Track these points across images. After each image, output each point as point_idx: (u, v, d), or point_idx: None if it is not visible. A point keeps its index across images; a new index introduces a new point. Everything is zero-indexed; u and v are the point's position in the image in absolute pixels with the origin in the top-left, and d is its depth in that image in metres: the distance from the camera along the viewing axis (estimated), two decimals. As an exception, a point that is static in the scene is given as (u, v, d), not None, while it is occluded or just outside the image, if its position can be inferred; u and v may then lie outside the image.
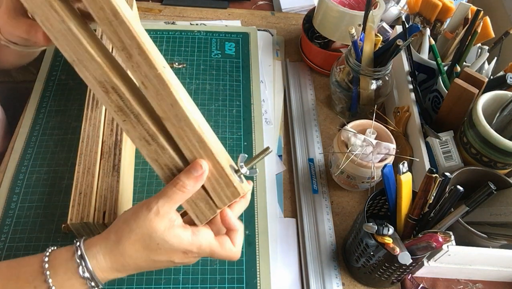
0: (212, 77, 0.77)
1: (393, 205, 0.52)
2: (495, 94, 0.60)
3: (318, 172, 0.68)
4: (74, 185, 0.53)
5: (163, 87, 0.39)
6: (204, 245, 0.42)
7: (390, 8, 0.87)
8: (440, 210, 0.50)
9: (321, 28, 0.77)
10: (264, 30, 0.88)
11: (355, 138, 0.59)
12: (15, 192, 0.61)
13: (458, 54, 0.66)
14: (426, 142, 0.64)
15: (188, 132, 0.40)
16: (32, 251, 0.56)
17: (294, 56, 0.85)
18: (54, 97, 0.71)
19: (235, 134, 0.70)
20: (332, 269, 0.58)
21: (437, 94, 0.67)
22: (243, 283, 0.56)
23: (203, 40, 0.82)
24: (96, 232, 0.53)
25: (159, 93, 0.39)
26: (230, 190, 0.42)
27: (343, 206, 0.66)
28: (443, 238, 0.45)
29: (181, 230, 0.41)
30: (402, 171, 0.50)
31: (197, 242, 0.42)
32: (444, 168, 0.61)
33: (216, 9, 0.91)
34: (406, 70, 0.72)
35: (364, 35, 0.64)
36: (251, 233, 0.60)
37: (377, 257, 0.50)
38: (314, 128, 0.73)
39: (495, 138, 0.55)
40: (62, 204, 0.60)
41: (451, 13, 0.71)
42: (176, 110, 0.39)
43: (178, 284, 0.55)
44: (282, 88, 0.79)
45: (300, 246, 0.61)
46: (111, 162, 0.55)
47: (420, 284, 0.59)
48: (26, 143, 0.66)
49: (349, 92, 0.70)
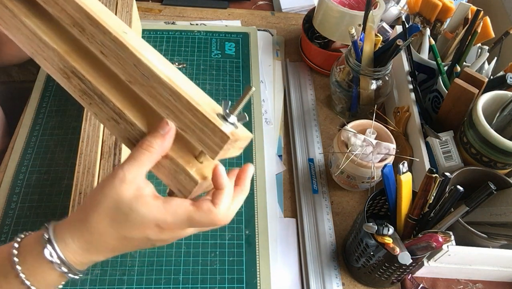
0: (212, 77, 0.77)
1: (393, 205, 0.52)
2: (495, 94, 0.60)
3: (318, 172, 0.68)
4: (74, 185, 0.53)
5: (122, 48, 0.37)
6: (179, 211, 0.37)
7: (390, 8, 0.87)
8: (440, 210, 0.50)
9: (321, 28, 0.77)
10: (264, 30, 0.88)
11: (355, 138, 0.59)
12: (15, 192, 0.61)
13: (458, 54, 0.66)
14: (426, 142, 0.64)
15: (159, 88, 0.37)
16: (32, 251, 0.56)
17: (294, 56, 0.85)
18: (54, 97, 0.71)
19: (235, 134, 0.70)
20: (332, 269, 0.58)
21: (437, 94, 0.67)
22: (243, 283, 0.56)
23: (203, 40, 0.82)
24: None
25: (120, 57, 0.38)
26: (218, 135, 0.37)
27: (343, 206, 0.66)
28: (443, 238, 0.45)
29: (150, 198, 0.37)
30: (402, 171, 0.50)
31: (170, 209, 0.37)
32: (444, 168, 0.61)
33: (216, 9, 0.91)
34: (406, 70, 0.72)
35: (364, 35, 0.64)
36: (251, 233, 0.60)
37: (377, 257, 0.50)
38: (314, 128, 0.73)
39: (495, 138, 0.55)
40: (62, 204, 0.60)
41: (451, 13, 0.71)
42: (142, 69, 0.37)
43: (178, 284, 0.55)
44: (282, 88, 0.79)
45: (300, 246, 0.61)
46: (111, 162, 0.55)
47: (420, 284, 0.59)
48: (26, 143, 0.66)
49: (349, 92, 0.70)
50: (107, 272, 0.55)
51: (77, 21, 0.38)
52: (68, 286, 0.54)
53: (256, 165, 0.67)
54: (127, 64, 0.38)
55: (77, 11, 0.38)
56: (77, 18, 0.38)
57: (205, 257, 0.58)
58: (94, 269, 0.55)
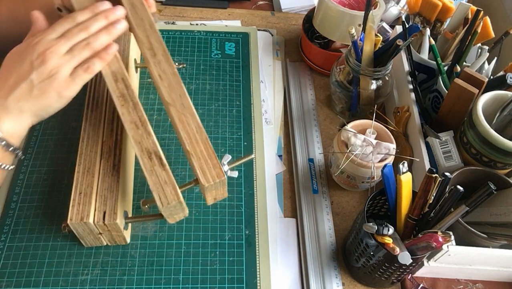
0: (212, 77, 0.77)
1: (393, 205, 0.52)
2: (495, 94, 0.60)
3: (318, 172, 0.68)
4: (74, 185, 0.53)
5: (177, 81, 0.52)
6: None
7: (390, 8, 0.87)
8: (440, 210, 0.50)
9: (321, 28, 0.77)
10: (264, 30, 0.88)
11: (355, 138, 0.59)
12: (15, 192, 0.61)
13: (458, 54, 0.66)
14: (426, 143, 0.64)
15: (189, 118, 0.50)
16: (32, 251, 0.56)
17: (294, 56, 0.85)
18: (54, 97, 0.71)
19: (235, 134, 0.70)
20: (332, 269, 0.58)
21: (437, 94, 0.67)
22: (243, 283, 0.56)
23: (203, 40, 0.82)
24: (96, 232, 0.53)
25: (172, 85, 0.52)
26: (216, 171, 0.48)
27: (343, 206, 0.66)
28: (443, 238, 0.45)
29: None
30: (402, 171, 0.50)
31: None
32: (444, 168, 0.61)
33: (216, 9, 0.91)
34: (406, 70, 0.72)
35: (364, 35, 0.64)
36: (251, 233, 0.60)
37: (377, 257, 0.50)
38: (314, 128, 0.73)
39: (495, 138, 0.55)
40: (62, 204, 0.60)
41: (451, 13, 0.71)
42: (183, 100, 0.51)
43: (178, 284, 0.55)
44: (282, 88, 0.79)
45: (300, 246, 0.61)
46: (111, 162, 0.55)
47: (420, 284, 0.59)
48: (26, 143, 0.66)
49: (349, 92, 0.70)
50: (107, 272, 0.55)
51: (153, 48, 0.53)
52: (68, 286, 0.54)
53: (256, 165, 0.67)
54: (174, 92, 0.51)
55: (158, 42, 0.54)
56: (155, 47, 0.54)
57: (205, 257, 0.58)
58: (94, 269, 0.55)
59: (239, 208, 0.62)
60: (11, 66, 0.48)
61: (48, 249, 0.56)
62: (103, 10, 0.51)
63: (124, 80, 0.51)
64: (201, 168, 0.48)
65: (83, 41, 0.49)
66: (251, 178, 0.65)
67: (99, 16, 0.50)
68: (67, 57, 0.48)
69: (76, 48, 0.48)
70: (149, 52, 0.53)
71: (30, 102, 0.47)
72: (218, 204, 0.62)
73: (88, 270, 0.55)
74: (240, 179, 0.65)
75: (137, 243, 0.58)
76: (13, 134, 0.48)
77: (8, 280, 0.54)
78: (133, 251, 0.57)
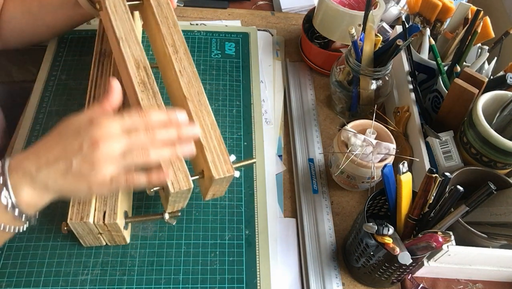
0: (212, 77, 0.77)
1: (393, 205, 0.52)
2: (495, 94, 0.60)
3: (318, 172, 0.68)
4: (74, 185, 0.52)
5: (196, 79, 0.55)
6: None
7: (390, 8, 0.87)
8: (440, 210, 0.50)
9: (321, 28, 0.77)
10: (264, 30, 0.88)
11: (355, 138, 0.59)
12: (15, 192, 0.61)
13: (458, 54, 0.66)
14: (426, 143, 0.64)
15: (205, 114, 0.53)
16: (32, 251, 0.56)
17: (294, 56, 0.85)
18: (54, 97, 0.71)
19: (235, 134, 0.70)
20: (332, 269, 0.58)
21: (437, 94, 0.67)
22: (243, 283, 0.56)
23: (203, 40, 0.82)
24: (96, 232, 0.53)
25: (191, 82, 0.55)
26: (227, 166, 0.51)
27: (343, 206, 0.66)
28: (443, 238, 0.45)
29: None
30: (402, 171, 0.50)
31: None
32: (444, 168, 0.61)
33: (216, 9, 0.91)
34: (406, 70, 0.72)
35: (364, 35, 0.64)
36: (251, 233, 0.60)
37: (377, 257, 0.50)
38: (314, 128, 0.73)
39: (495, 138, 0.55)
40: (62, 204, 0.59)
41: (451, 13, 0.71)
42: (200, 97, 0.54)
43: (178, 284, 0.55)
44: (282, 88, 0.79)
45: (300, 246, 0.61)
46: (111, 162, 0.55)
47: (420, 284, 0.59)
48: (26, 143, 0.66)
49: (349, 92, 0.70)
50: (107, 272, 0.55)
51: (175, 45, 0.57)
52: (68, 286, 0.54)
53: (256, 165, 0.67)
54: (193, 88, 0.54)
55: (180, 41, 0.57)
56: (177, 44, 0.57)
57: (205, 257, 0.58)
58: (94, 269, 0.55)
59: (239, 208, 0.62)
60: (62, 135, 0.44)
61: (48, 249, 0.56)
62: (179, 121, 0.46)
63: (146, 69, 0.53)
64: (213, 161, 0.50)
65: (141, 149, 0.44)
66: (251, 178, 0.65)
67: (171, 126, 0.45)
68: (117, 158, 0.43)
69: (131, 154, 0.43)
70: (171, 49, 0.56)
71: (59, 184, 0.44)
72: (218, 204, 0.62)
73: (88, 270, 0.55)
74: (240, 179, 0.65)
75: (137, 243, 0.58)
76: (30, 204, 0.45)
77: (8, 280, 0.54)
78: (133, 251, 0.57)
